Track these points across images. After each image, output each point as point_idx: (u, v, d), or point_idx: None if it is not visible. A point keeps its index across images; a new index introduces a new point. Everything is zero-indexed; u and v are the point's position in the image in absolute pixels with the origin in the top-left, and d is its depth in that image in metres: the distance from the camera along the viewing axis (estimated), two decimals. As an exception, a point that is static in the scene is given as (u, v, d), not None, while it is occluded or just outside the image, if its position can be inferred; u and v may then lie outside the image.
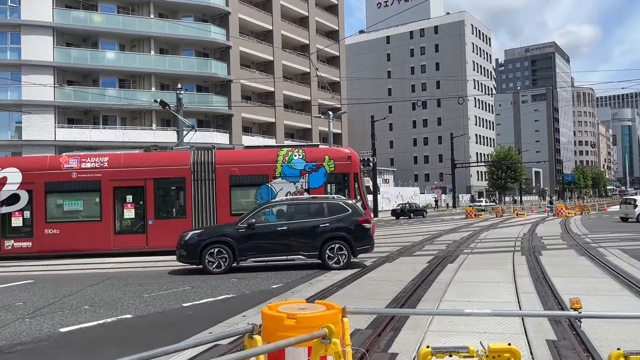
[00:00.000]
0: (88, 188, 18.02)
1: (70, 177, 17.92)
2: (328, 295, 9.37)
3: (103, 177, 17.96)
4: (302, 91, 54.73)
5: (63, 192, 18.08)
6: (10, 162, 18.98)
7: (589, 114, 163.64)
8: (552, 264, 12.82)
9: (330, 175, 18.51)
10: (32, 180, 17.78)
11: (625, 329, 6.22)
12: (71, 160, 18.17)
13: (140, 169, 18.25)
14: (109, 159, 18.24)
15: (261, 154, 18.81)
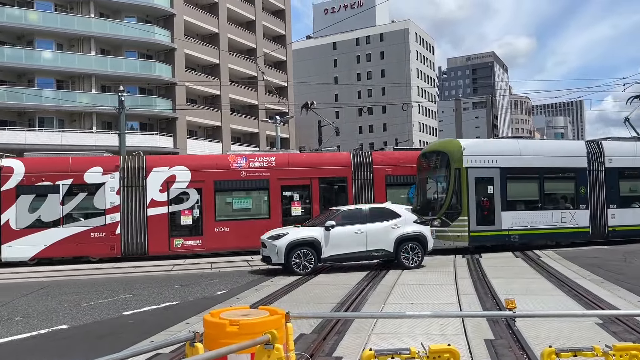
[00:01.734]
0: (257, 187, 18.72)
1: (239, 176, 18.46)
2: (273, 301, 9.32)
3: (271, 176, 18.56)
4: (249, 95, 54.33)
5: (232, 191, 18.63)
6: (179, 160, 19.15)
7: (525, 121, 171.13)
8: (491, 266, 13.30)
9: None
10: (202, 178, 17.99)
11: (557, 326, 6.53)
12: (239, 159, 18.74)
13: (306, 169, 19.00)
14: (276, 159, 18.92)
15: (411, 155, 19.85)
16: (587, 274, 11.35)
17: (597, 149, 18.39)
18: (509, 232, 16.61)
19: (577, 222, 17.54)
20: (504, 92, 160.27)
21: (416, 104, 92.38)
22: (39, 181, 17.03)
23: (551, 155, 17.67)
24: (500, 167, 16.85)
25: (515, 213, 16.92)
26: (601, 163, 18.16)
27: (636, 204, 18.60)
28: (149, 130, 44.06)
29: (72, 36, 40.24)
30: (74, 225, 17.17)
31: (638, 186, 18.93)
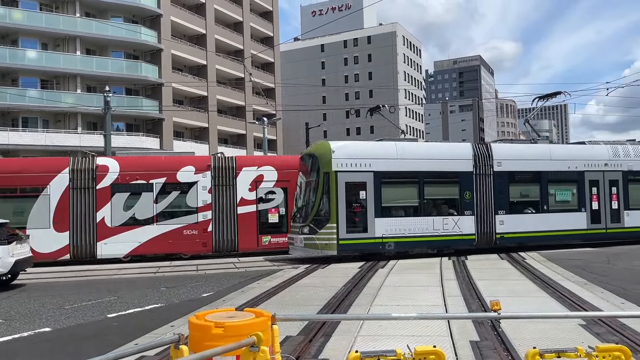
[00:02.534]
0: None
1: None
2: (260, 303, 9.29)
3: None
4: (237, 96, 54.15)
5: None
6: (265, 160, 19.86)
7: (511, 124, 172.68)
8: (476, 268, 13.38)
9: None
10: (287, 178, 18.53)
11: (541, 327, 6.58)
12: None
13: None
14: None
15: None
16: (570, 276, 11.48)
17: (485, 151, 17.39)
18: (384, 240, 15.68)
19: (461, 229, 16.54)
20: (490, 95, 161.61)
21: (403, 107, 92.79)
22: (133, 179, 17.55)
23: (433, 159, 16.63)
24: (374, 171, 15.78)
25: (391, 220, 15.94)
26: (489, 166, 17.11)
27: (529, 210, 17.67)
28: (135, 131, 43.73)
29: (57, 36, 39.82)
30: (167, 223, 17.73)
31: (531, 191, 17.91)
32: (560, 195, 17.95)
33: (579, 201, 17.96)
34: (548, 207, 17.62)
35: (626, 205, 18.41)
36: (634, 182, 18.59)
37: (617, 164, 18.47)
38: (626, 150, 18.87)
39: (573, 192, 18.04)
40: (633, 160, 18.70)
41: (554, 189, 17.83)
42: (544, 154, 17.93)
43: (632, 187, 18.57)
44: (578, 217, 17.90)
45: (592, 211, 18.02)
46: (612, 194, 18.27)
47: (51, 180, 17.00)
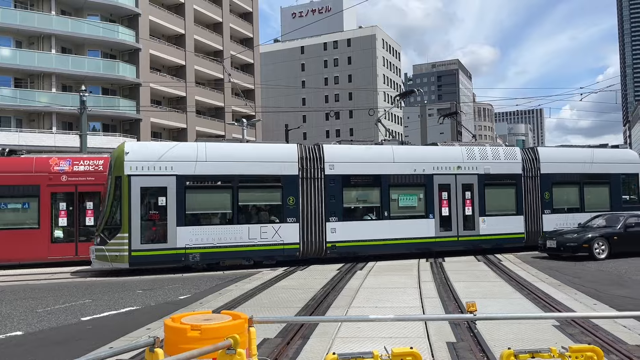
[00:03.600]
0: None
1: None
2: (237, 306, 9.23)
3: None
4: (216, 97, 53.80)
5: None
6: None
7: (488, 128, 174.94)
8: (453, 269, 13.51)
9: None
10: None
11: (516, 328, 6.67)
12: None
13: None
14: None
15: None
16: (545, 277, 11.66)
17: (315, 153, 16.05)
18: (187, 251, 14.29)
19: (282, 237, 15.18)
20: (468, 99, 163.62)
21: (382, 109, 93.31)
22: None
23: (251, 161, 15.14)
24: (177, 174, 14.36)
25: (197, 228, 14.50)
26: (319, 169, 15.76)
27: (369, 216, 16.44)
28: (111, 131, 43.13)
29: (32, 34, 39.08)
30: None
31: (370, 196, 16.65)
32: (405, 201, 16.69)
33: (426, 207, 16.70)
34: (390, 213, 16.32)
35: (482, 211, 17.15)
36: (492, 187, 17.45)
37: (472, 166, 17.21)
38: (483, 152, 17.58)
39: (420, 197, 16.80)
40: (491, 162, 17.45)
41: (397, 193, 16.57)
42: (386, 156, 16.55)
43: (490, 191, 17.40)
44: (425, 224, 16.60)
45: (441, 217, 16.76)
46: (465, 199, 17.11)
47: None
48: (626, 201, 19.03)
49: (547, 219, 17.94)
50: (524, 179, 17.82)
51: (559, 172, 18.32)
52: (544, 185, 18.04)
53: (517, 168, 17.78)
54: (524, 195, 17.76)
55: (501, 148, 18.06)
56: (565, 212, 18.32)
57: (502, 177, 17.66)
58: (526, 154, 18.30)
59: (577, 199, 18.52)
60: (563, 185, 18.44)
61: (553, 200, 18.14)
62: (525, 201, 17.79)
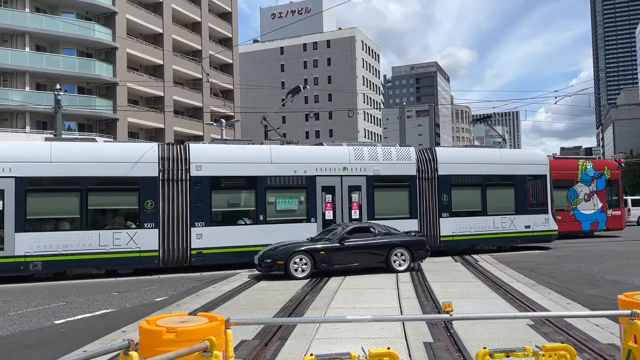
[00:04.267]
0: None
1: None
2: (215, 307, 9.16)
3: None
4: (194, 97, 53.36)
5: None
6: None
7: (465, 130, 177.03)
8: (431, 270, 13.62)
9: (608, 182, 24.49)
10: None
11: (492, 328, 6.75)
12: None
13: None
14: None
15: (568, 163, 24.08)
16: (521, 277, 11.83)
17: (180, 153, 14.93)
18: (27, 259, 13.26)
19: (138, 244, 14.12)
20: (446, 101, 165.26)
21: (362, 111, 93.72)
22: None
23: (103, 162, 14.11)
24: (16, 176, 13.42)
25: (39, 235, 13.47)
26: (183, 171, 14.73)
27: (242, 221, 15.51)
28: (87, 131, 42.45)
29: (5, 31, 38.25)
30: None
31: (244, 199, 15.74)
32: (284, 204, 15.80)
33: (308, 210, 15.86)
34: (266, 217, 15.40)
35: (371, 214, 16.38)
36: (383, 189, 16.66)
37: (360, 167, 16.34)
38: (373, 152, 16.75)
39: (301, 199, 15.94)
40: (381, 163, 16.62)
41: (275, 196, 15.67)
42: (262, 157, 15.59)
43: (380, 194, 16.62)
44: (306, 229, 15.54)
45: (325, 222, 15.90)
46: (352, 202, 16.30)
47: None
48: (533, 203, 18.36)
49: (445, 223, 17.19)
50: (419, 181, 17.06)
51: (458, 174, 17.52)
52: (442, 187, 17.21)
53: (411, 169, 16.96)
54: (418, 197, 16.98)
55: (394, 148, 17.17)
56: (466, 215, 17.50)
57: (394, 179, 16.76)
58: (422, 154, 17.67)
59: (479, 202, 17.69)
60: (463, 187, 17.65)
61: (452, 203, 17.29)
62: (420, 204, 17.02)
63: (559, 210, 21.92)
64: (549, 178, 18.84)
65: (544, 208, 18.55)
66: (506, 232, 17.91)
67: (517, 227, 18.01)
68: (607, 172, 24.46)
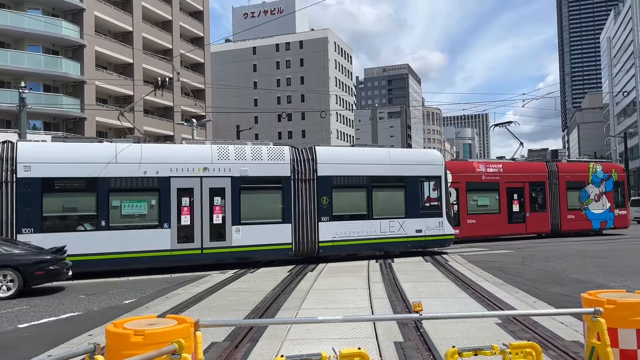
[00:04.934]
0: (491, 188, 23.34)
1: (480, 179, 23.18)
2: (185, 309, 9.04)
3: (500, 179, 23.49)
4: (164, 97, 52.67)
5: (475, 191, 23.06)
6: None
7: (436, 131, 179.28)
8: (402, 270, 13.74)
9: (615, 183, 26.09)
10: (458, 180, 22.31)
11: (461, 327, 6.85)
12: (480, 165, 23.61)
13: (520, 174, 24.04)
14: (502, 166, 24.01)
15: (580, 166, 25.91)
16: (489, 277, 12.04)
17: (7, 152, 13.53)
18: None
19: None
20: (417, 103, 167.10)
21: (334, 112, 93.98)
22: None
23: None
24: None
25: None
26: (9, 172, 13.33)
27: (83, 227, 13.97)
28: (54, 130, 41.44)
29: (-33, 26, 37.08)
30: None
31: (83, 202, 14.15)
32: (131, 208, 14.41)
33: (160, 215, 14.43)
34: (109, 223, 13.92)
35: (236, 219, 15.05)
36: (251, 191, 15.49)
37: (224, 168, 15.05)
38: (241, 151, 15.47)
39: (151, 203, 14.49)
40: (250, 163, 15.35)
41: (120, 199, 14.23)
42: (105, 156, 14.14)
43: (248, 196, 15.39)
44: (157, 236, 14.25)
45: (180, 227, 14.57)
46: (214, 206, 14.97)
47: None
48: (426, 206, 17.43)
49: (325, 227, 15.99)
50: (295, 182, 15.83)
51: (341, 175, 16.40)
52: (321, 189, 16.02)
53: (285, 170, 15.74)
54: (293, 200, 15.75)
55: (265, 147, 15.98)
56: (349, 219, 16.41)
57: (264, 180, 15.58)
58: (299, 154, 16.32)
59: (364, 205, 16.62)
60: (347, 189, 16.63)
61: (333, 206, 16.15)
62: (295, 207, 15.76)
63: (573, 210, 25.03)
64: (444, 179, 17.88)
65: (438, 211, 17.53)
66: (395, 236, 16.83)
67: (407, 231, 16.98)
68: (615, 174, 26.31)
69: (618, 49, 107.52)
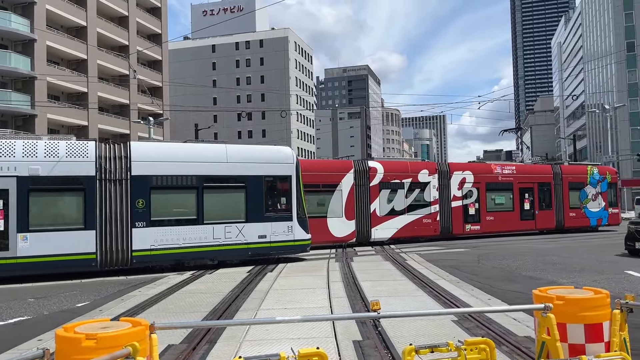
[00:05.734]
0: (506, 188, 25.57)
1: (497, 180, 25.39)
2: (141, 312, 8.84)
3: (514, 180, 25.82)
4: (120, 94, 51.36)
5: (493, 190, 25.26)
6: (466, 166, 25.16)
7: (395, 132, 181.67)
8: (361, 269, 13.85)
9: (609, 184, 28.54)
10: (479, 180, 24.74)
11: (418, 325, 6.96)
12: (497, 167, 25.89)
13: (531, 175, 26.42)
14: (515, 168, 26.24)
15: (580, 168, 28.25)
16: (446, 275, 12.28)
17: None
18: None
19: None
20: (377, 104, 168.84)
21: (295, 112, 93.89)
22: (392, 179, 22.43)
23: None
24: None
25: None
26: None
27: None
28: (2, 127, 39.77)
29: None
30: (413, 213, 22.82)
31: None
32: None
33: None
34: None
35: (24, 225, 12.99)
36: (44, 193, 13.51)
37: (7, 166, 13.00)
38: (31, 147, 13.38)
39: None
40: (42, 161, 13.32)
41: None
42: None
43: (40, 199, 13.42)
44: None
45: None
46: None
47: (342, 178, 21.22)
48: (272, 209, 15.87)
49: (141, 234, 14.15)
50: (101, 183, 13.87)
51: (163, 174, 14.59)
52: (137, 191, 14.14)
53: (88, 168, 13.75)
54: (98, 203, 13.77)
55: (64, 142, 13.84)
56: (174, 224, 14.71)
57: (60, 181, 13.51)
58: (109, 150, 14.30)
59: (193, 208, 14.93)
60: (170, 190, 14.89)
61: (152, 209, 14.33)
62: (101, 211, 13.80)
63: (574, 208, 27.40)
64: (295, 179, 16.25)
65: (288, 214, 15.98)
66: (232, 243, 15.22)
67: (247, 237, 15.41)
68: (608, 176, 28.71)
69: (568, 54, 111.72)
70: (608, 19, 76.56)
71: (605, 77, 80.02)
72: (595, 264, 14.08)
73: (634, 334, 5.09)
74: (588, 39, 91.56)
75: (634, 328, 5.48)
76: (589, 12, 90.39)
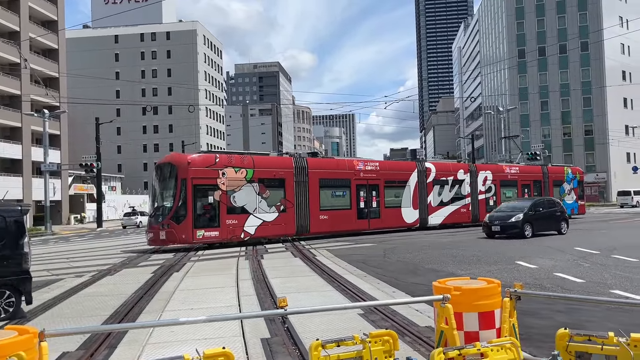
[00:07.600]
0: (513, 184, 32.61)
1: (507, 178, 32.02)
2: (33, 318, 8.22)
3: (518, 178, 32.78)
4: (10, 84, 47.38)
5: (504, 186, 31.58)
6: (487, 167, 31.84)
7: (306, 129, 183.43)
8: (271, 266, 13.82)
9: (578, 182, 36.09)
10: (496, 178, 30.92)
11: (326, 319, 7.06)
12: (507, 167, 32.68)
13: (529, 174, 33.32)
14: (518, 169, 33.64)
15: (560, 169, 35.71)
16: (353, 270, 12.56)
17: None
18: None
19: None
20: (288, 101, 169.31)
21: (204, 107, 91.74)
22: (441, 177, 28.21)
23: None
24: None
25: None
26: None
27: None
28: None
29: None
30: (455, 204, 28.83)
31: None
32: None
33: None
34: None
35: None
36: None
37: None
38: None
39: None
40: None
41: None
42: None
43: None
44: None
45: None
46: None
47: (410, 176, 26.98)
48: None
49: None
50: None
51: None
52: None
53: None
54: None
55: None
56: None
57: None
58: None
59: None
60: None
61: None
62: None
63: None
64: None
65: None
66: None
67: None
68: (577, 175, 36.22)
69: (467, 58, 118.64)
70: (502, 27, 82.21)
71: (500, 81, 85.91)
72: (492, 256, 15.06)
73: (522, 320, 5.49)
74: (484, 44, 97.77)
75: (522, 314, 5.92)
76: (486, 19, 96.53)
